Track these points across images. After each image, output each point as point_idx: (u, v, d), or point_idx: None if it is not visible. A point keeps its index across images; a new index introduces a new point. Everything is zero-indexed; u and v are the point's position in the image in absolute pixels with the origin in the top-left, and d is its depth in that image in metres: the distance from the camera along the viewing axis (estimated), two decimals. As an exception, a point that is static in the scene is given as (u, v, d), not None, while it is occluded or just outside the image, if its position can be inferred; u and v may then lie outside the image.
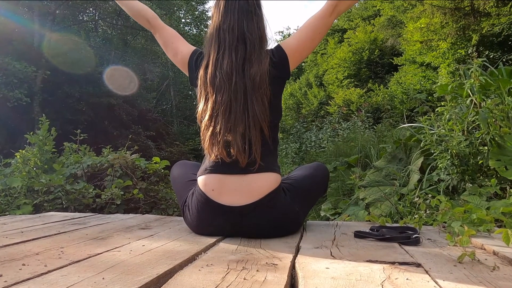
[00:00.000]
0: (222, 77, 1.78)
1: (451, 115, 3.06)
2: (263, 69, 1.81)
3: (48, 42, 16.50)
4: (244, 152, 1.74)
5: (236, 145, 1.73)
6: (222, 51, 1.83)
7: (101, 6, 21.23)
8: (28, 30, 16.50)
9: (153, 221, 2.36)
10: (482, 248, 1.58)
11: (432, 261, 1.34)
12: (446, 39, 13.41)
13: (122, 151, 4.58)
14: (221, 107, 1.77)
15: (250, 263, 1.28)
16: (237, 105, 1.76)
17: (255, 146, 1.75)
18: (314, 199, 2.15)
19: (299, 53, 1.93)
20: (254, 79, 1.78)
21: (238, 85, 1.77)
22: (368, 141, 6.16)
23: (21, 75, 14.58)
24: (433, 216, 2.21)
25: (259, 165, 1.77)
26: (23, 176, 3.80)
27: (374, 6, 24.35)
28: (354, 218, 3.33)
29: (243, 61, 1.82)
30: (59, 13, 19.05)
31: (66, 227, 2.09)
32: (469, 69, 3.19)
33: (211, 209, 1.80)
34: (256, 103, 1.76)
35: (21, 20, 16.67)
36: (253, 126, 1.75)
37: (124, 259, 1.31)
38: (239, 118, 1.75)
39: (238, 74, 1.79)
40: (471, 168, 2.88)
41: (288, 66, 1.90)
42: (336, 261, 1.33)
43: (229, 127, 1.75)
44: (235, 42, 1.83)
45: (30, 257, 1.35)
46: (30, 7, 17.70)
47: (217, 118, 1.78)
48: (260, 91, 1.78)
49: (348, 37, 25.62)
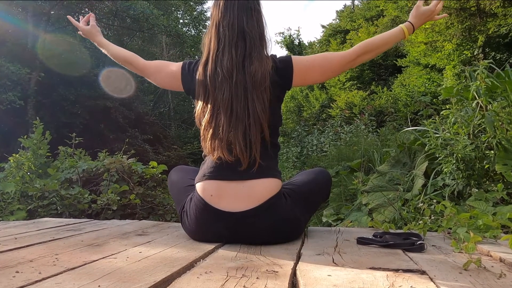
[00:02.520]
0: (223, 74, 1.80)
1: (457, 118, 3.06)
2: (264, 67, 1.82)
3: (42, 43, 16.52)
4: (246, 151, 1.75)
5: (238, 144, 1.74)
6: (222, 47, 1.85)
7: (97, 6, 21.23)
8: (22, 30, 16.53)
9: (150, 227, 2.37)
10: (488, 255, 1.58)
11: (437, 268, 1.34)
12: (451, 40, 13.43)
13: (119, 155, 4.58)
14: (223, 106, 1.78)
15: (250, 270, 1.29)
16: (237, 103, 1.77)
17: (255, 146, 1.76)
18: (315, 205, 2.15)
19: (304, 74, 1.93)
20: (255, 76, 1.80)
21: (238, 82, 1.79)
22: (371, 145, 6.17)
23: (14, 77, 14.58)
24: (438, 222, 2.21)
25: (259, 170, 1.77)
26: (16, 181, 3.80)
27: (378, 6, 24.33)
28: (356, 224, 3.33)
29: (243, 57, 1.83)
30: (53, 13, 19.07)
31: (61, 233, 2.09)
32: (475, 71, 3.19)
33: (210, 215, 1.80)
34: (257, 100, 1.77)
35: (15, 20, 16.71)
36: (253, 124, 1.76)
37: (120, 266, 1.32)
38: (240, 116, 1.76)
39: (238, 70, 1.81)
40: (477, 172, 2.88)
41: (290, 77, 1.90)
42: (338, 268, 1.33)
43: (231, 125, 1.76)
44: (235, 38, 1.85)
45: (24, 264, 1.35)
46: (24, 7, 17.75)
47: (218, 116, 1.79)
48: (260, 89, 1.79)
49: (351, 38, 25.65)
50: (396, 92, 17.98)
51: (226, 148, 1.76)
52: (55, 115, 16.75)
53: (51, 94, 16.97)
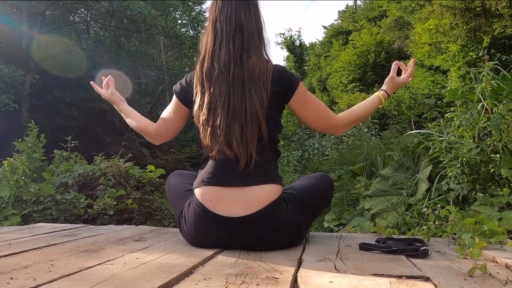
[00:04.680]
0: (220, 68, 1.80)
1: (461, 121, 3.06)
2: (263, 64, 1.83)
3: (37, 44, 16.56)
4: (243, 146, 1.75)
5: (235, 138, 1.74)
6: (219, 42, 1.85)
7: (93, 6, 21.32)
8: (16, 31, 16.57)
9: (148, 233, 2.37)
10: (493, 261, 1.58)
11: (441, 275, 1.34)
12: (456, 41, 13.47)
13: (115, 159, 4.59)
14: (220, 100, 1.78)
15: (250, 277, 1.29)
16: (234, 97, 1.77)
17: (252, 141, 1.75)
18: (317, 211, 2.15)
19: (303, 102, 1.94)
20: (253, 70, 1.80)
21: (236, 75, 1.79)
22: (374, 148, 6.17)
23: (8, 79, 14.61)
24: (442, 227, 2.21)
25: (259, 174, 1.77)
26: (11, 185, 3.80)
27: (380, 6, 24.44)
28: (359, 229, 3.33)
29: (241, 51, 1.83)
30: (49, 13, 19.13)
31: (56, 239, 2.10)
32: (480, 72, 3.20)
33: (209, 220, 1.79)
34: (255, 95, 1.77)
35: (9, 21, 16.74)
36: (250, 119, 1.75)
37: (117, 273, 1.32)
38: (237, 110, 1.76)
39: (236, 64, 1.81)
40: (482, 177, 2.88)
41: (291, 93, 1.90)
42: (340, 275, 1.33)
43: (228, 120, 1.76)
44: (232, 31, 1.85)
45: (18, 270, 1.35)
46: (18, 8, 17.79)
47: (216, 110, 1.79)
48: (259, 84, 1.79)
49: (353, 39, 25.73)
50: (400, 94, 17.99)
51: (225, 143, 1.76)
52: (50, 118, 16.78)
53: (46, 97, 17.01)
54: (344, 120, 2.05)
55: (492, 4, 11.30)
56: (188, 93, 1.94)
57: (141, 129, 2.16)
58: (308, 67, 33.92)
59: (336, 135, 2.00)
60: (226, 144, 1.76)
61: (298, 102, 1.93)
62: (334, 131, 2.09)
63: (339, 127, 2.05)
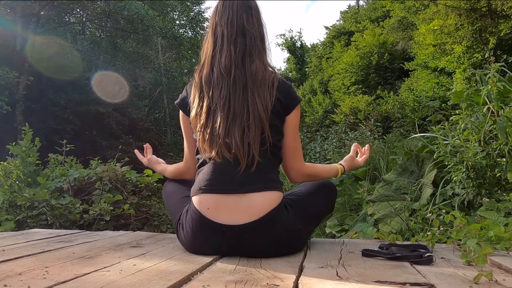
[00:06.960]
0: (220, 71, 1.79)
1: (467, 124, 3.07)
2: (267, 71, 1.82)
3: (31, 46, 16.57)
4: (243, 148, 1.73)
5: (235, 142, 1.72)
6: (220, 45, 1.84)
7: (89, 6, 21.36)
8: (10, 32, 16.59)
9: (145, 239, 2.37)
10: (500, 268, 1.58)
11: (446, 282, 1.34)
12: (461, 42, 13.47)
13: (112, 163, 4.58)
14: (219, 103, 1.76)
15: (249, 284, 1.29)
16: (235, 99, 1.76)
17: (254, 145, 1.73)
18: (319, 218, 2.14)
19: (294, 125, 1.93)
20: (256, 74, 1.78)
21: (237, 78, 1.78)
22: (377, 152, 6.16)
23: (2, 81, 14.64)
24: (447, 233, 2.21)
25: (259, 181, 1.77)
26: (4, 190, 3.80)
27: (383, 6, 24.44)
28: (362, 235, 3.33)
29: (242, 54, 1.82)
30: (43, 14, 19.17)
31: (51, 245, 2.09)
32: (486, 74, 3.21)
33: (207, 229, 1.78)
34: (258, 98, 1.75)
35: (3, 21, 16.79)
36: (253, 122, 1.73)
37: (113, 280, 1.32)
38: (238, 113, 1.75)
39: (238, 68, 1.79)
40: (488, 181, 2.89)
41: (290, 108, 1.89)
42: (342, 282, 1.33)
43: (229, 122, 1.74)
44: (233, 35, 1.83)
45: (12, 277, 1.35)
46: (12, 8, 17.83)
47: (215, 113, 1.77)
48: (262, 88, 1.77)
49: (356, 40, 25.73)
50: (403, 97, 18.03)
51: (224, 146, 1.74)
52: (45, 121, 16.78)
53: (40, 99, 17.01)
54: (306, 170, 2.05)
55: (498, 4, 11.32)
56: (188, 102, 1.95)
57: (176, 174, 2.28)
58: (309, 69, 33.91)
59: (289, 180, 1.99)
60: (226, 146, 1.75)
61: (291, 123, 1.91)
62: (293, 173, 2.04)
63: (299, 173, 2.03)
